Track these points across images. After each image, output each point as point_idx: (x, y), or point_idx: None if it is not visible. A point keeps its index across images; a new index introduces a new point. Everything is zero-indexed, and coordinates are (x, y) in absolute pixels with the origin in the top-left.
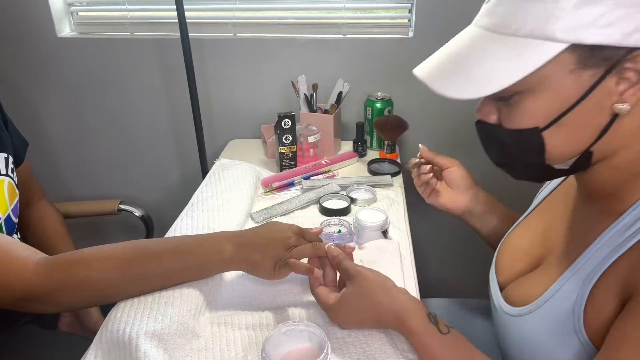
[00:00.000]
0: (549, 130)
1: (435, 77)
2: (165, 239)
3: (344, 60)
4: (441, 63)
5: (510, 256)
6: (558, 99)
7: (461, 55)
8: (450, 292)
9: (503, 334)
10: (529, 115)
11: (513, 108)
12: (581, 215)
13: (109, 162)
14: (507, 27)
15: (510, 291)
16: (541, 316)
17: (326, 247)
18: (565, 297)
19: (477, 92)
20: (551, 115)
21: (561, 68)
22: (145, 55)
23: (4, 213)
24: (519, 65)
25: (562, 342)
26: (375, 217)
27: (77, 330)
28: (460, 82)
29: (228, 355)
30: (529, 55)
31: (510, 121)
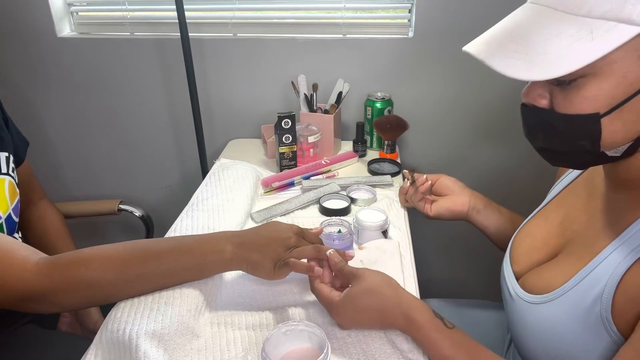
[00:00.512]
0: (609, 116)
1: (493, 55)
2: (165, 239)
3: (344, 60)
4: (500, 40)
5: (527, 246)
6: (624, 84)
7: (523, 32)
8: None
9: (519, 322)
10: (591, 100)
11: (573, 92)
12: (611, 204)
13: (109, 162)
14: (577, 7)
15: (528, 280)
16: (565, 304)
17: (327, 253)
18: (593, 285)
19: (546, 74)
20: (614, 101)
21: (632, 53)
22: (145, 55)
23: (5, 212)
24: (592, 47)
25: (587, 331)
26: (375, 217)
27: (77, 330)
28: (525, 62)
29: (228, 355)
30: (602, 37)
31: (569, 106)
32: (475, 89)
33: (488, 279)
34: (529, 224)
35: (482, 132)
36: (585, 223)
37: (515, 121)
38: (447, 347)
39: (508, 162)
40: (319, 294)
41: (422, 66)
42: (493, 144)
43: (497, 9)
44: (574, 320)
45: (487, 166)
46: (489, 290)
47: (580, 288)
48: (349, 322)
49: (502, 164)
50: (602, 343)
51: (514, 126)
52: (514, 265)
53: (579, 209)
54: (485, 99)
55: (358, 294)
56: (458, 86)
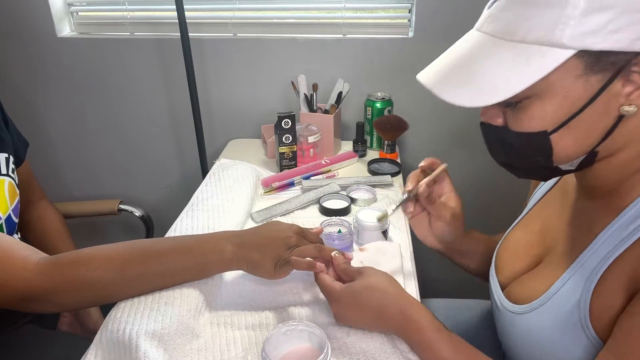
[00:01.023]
0: (557, 133)
1: (441, 84)
2: (165, 239)
3: (344, 60)
4: (446, 70)
5: (510, 256)
6: (566, 103)
7: (467, 61)
8: (450, 293)
9: (506, 331)
10: (538, 119)
11: (521, 112)
12: (582, 212)
13: (109, 162)
14: (513, 34)
15: (512, 290)
16: (546, 312)
17: (332, 254)
18: (571, 293)
19: (488, 100)
20: (559, 119)
21: (569, 73)
22: (145, 55)
23: (5, 213)
24: (528, 71)
25: (569, 337)
26: (375, 217)
27: (77, 330)
28: (469, 89)
29: (228, 355)
30: (537, 61)
31: (519, 125)
32: None
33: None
34: (512, 233)
35: None
36: (562, 231)
37: None
38: (446, 349)
39: None
40: (321, 283)
41: (422, 66)
42: None
43: None
44: (555, 328)
45: (488, 166)
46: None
47: (559, 296)
48: (345, 313)
49: None
50: (584, 349)
51: None
52: (499, 275)
53: (556, 217)
54: None
55: (359, 288)
56: None
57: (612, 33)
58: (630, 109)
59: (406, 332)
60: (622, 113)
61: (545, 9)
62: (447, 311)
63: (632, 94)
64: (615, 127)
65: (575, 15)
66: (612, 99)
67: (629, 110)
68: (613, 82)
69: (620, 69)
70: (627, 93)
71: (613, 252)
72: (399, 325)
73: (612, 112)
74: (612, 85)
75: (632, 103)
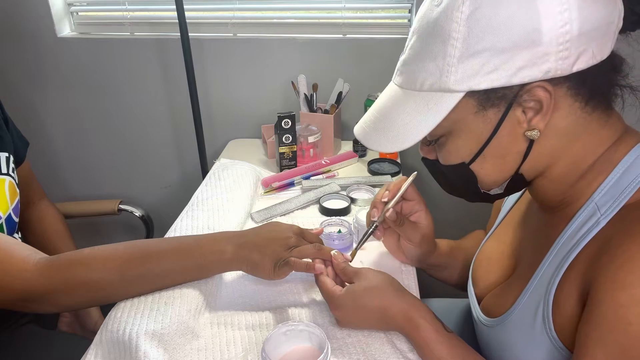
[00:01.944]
0: (474, 163)
1: (367, 134)
2: (165, 239)
3: (344, 60)
4: (370, 121)
5: (484, 268)
6: (473, 137)
7: (384, 112)
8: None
9: (483, 344)
10: (454, 153)
11: (441, 148)
12: (538, 224)
13: (109, 162)
14: (412, 84)
15: (486, 303)
16: (513, 325)
17: (332, 253)
18: (532, 304)
19: (399, 146)
20: (472, 151)
21: (466, 112)
22: (145, 55)
23: (5, 212)
24: (428, 117)
25: (536, 349)
26: None
27: (77, 330)
28: (387, 137)
29: (228, 355)
30: (434, 107)
31: (443, 159)
32: None
33: None
34: (486, 245)
35: None
36: (527, 243)
37: None
38: (444, 350)
39: None
40: (322, 287)
41: None
42: None
43: None
44: (524, 340)
45: None
46: None
47: (524, 308)
48: (347, 317)
49: None
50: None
51: None
52: (475, 287)
53: (521, 229)
54: None
55: (359, 290)
56: None
57: (489, 73)
58: (533, 133)
59: (407, 332)
60: (530, 137)
61: (431, 61)
62: (446, 311)
63: (532, 119)
64: (530, 150)
65: (453, 63)
66: (515, 126)
67: (533, 134)
68: (510, 111)
69: (511, 100)
70: (529, 119)
71: (565, 260)
72: (400, 324)
73: (519, 138)
74: (510, 115)
75: (535, 127)
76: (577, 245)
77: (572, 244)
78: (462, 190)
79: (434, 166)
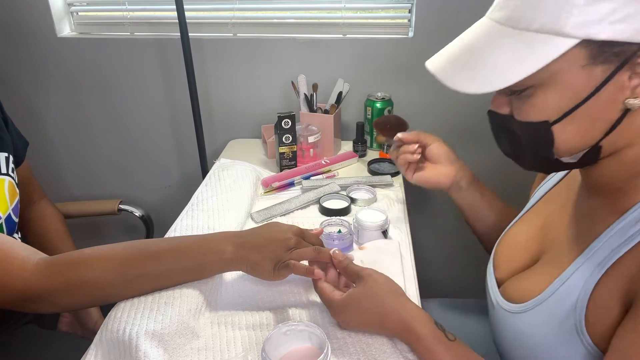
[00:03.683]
0: (559, 124)
1: (446, 71)
2: (165, 239)
3: (344, 60)
4: (453, 56)
5: (509, 252)
6: (569, 94)
7: (473, 48)
8: (450, 293)
9: (499, 330)
10: (540, 109)
11: (525, 101)
12: (584, 211)
13: (109, 162)
14: (518, 21)
15: (508, 288)
16: (541, 314)
17: (331, 252)
18: (567, 295)
19: (487, 87)
20: (562, 109)
21: (572, 63)
22: (145, 55)
23: (5, 212)
24: (530, 60)
25: (563, 341)
26: (375, 217)
27: (77, 330)
28: (471, 76)
29: (228, 355)
30: (540, 50)
31: (521, 114)
32: None
33: None
34: (512, 229)
35: (482, 131)
36: (562, 229)
37: None
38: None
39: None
40: (321, 293)
41: (422, 66)
42: (493, 143)
43: None
44: (549, 330)
45: (488, 164)
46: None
47: (555, 298)
48: (348, 323)
49: (503, 161)
50: (578, 354)
51: None
52: (497, 271)
53: (558, 215)
54: (485, 98)
55: (360, 296)
56: None
57: (616, 23)
58: (635, 102)
59: (408, 342)
60: (627, 106)
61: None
62: (446, 311)
63: (638, 87)
64: (621, 121)
65: (579, 4)
66: (617, 91)
67: (634, 103)
68: (618, 73)
69: (625, 60)
70: (634, 86)
71: (613, 255)
72: (399, 333)
73: (616, 105)
74: (617, 77)
75: (638, 96)
76: (630, 241)
77: (623, 239)
78: (530, 153)
79: (502, 122)
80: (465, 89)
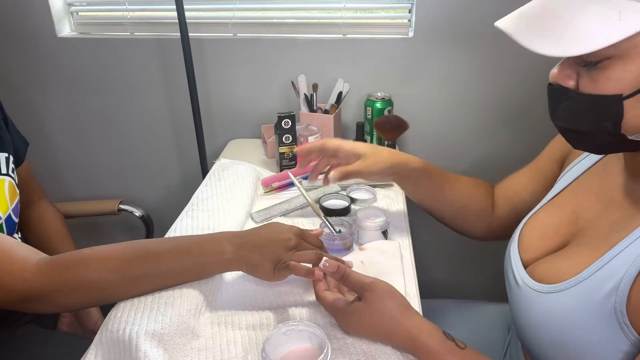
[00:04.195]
0: (632, 99)
1: (523, 32)
2: (165, 239)
3: (344, 60)
4: (530, 17)
5: (538, 234)
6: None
7: (558, 10)
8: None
9: (525, 310)
10: (615, 82)
11: (598, 73)
12: (627, 194)
13: (109, 162)
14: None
15: (538, 268)
16: (578, 294)
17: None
18: (609, 277)
19: (568, 51)
20: (637, 84)
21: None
22: (145, 55)
23: (5, 213)
24: (616, 28)
25: (599, 323)
26: (375, 217)
27: (77, 330)
28: (555, 38)
29: (228, 355)
30: (630, 18)
31: (593, 86)
32: (475, 88)
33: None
34: (540, 211)
35: (482, 131)
36: (599, 213)
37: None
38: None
39: (508, 160)
40: (324, 302)
41: (422, 66)
42: (493, 142)
43: (497, 9)
44: (585, 311)
45: (488, 165)
46: (489, 290)
47: (595, 279)
48: (353, 332)
49: (503, 162)
50: (613, 336)
51: (514, 125)
52: (523, 253)
53: (593, 198)
54: (485, 98)
55: (364, 313)
56: (458, 86)
57: None
58: None
59: (418, 355)
60: None
61: None
62: (447, 312)
63: None
64: None
65: None
66: None
67: None
68: None
69: None
70: None
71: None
72: (409, 348)
73: None
74: None
75: None
76: None
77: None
78: (593, 127)
79: (565, 95)
80: (547, 51)
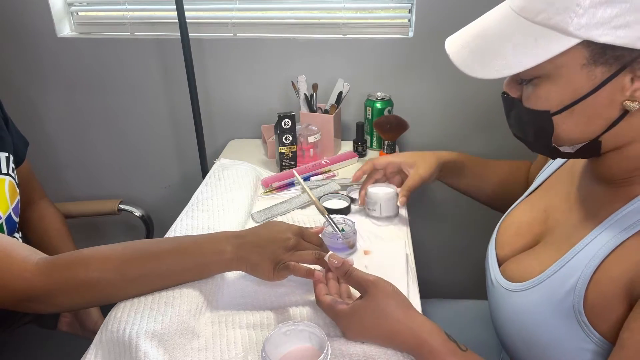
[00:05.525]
0: (559, 115)
1: (460, 54)
2: (165, 239)
3: (344, 60)
4: (469, 40)
5: (511, 232)
6: (570, 89)
7: (487, 34)
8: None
9: (497, 309)
10: (543, 99)
11: (531, 90)
12: (589, 195)
13: (109, 162)
14: (529, 13)
15: (508, 267)
16: (539, 293)
17: (325, 258)
18: (567, 277)
19: (494, 74)
20: (562, 102)
21: (574, 61)
22: (145, 55)
23: (5, 212)
24: (534, 53)
25: (560, 321)
26: (386, 188)
27: (77, 330)
28: (483, 62)
29: (228, 355)
30: (544, 44)
31: (527, 101)
32: (475, 88)
33: None
34: (516, 209)
35: (482, 131)
36: (566, 213)
37: None
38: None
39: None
40: (323, 306)
41: (422, 66)
42: (493, 142)
43: None
44: (547, 310)
45: None
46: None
47: (555, 279)
48: (354, 335)
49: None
50: (575, 335)
51: None
52: (499, 250)
53: (561, 198)
54: (485, 99)
55: (366, 311)
56: (458, 86)
57: (618, 28)
58: (633, 105)
59: (419, 355)
60: (626, 108)
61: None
62: (445, 311)
63: (637, 91)
64: (620, 120)
65: (584, 5)
66: (616, 92)
67: (632, 106)
68: (618, 76)
69: (625, 64)
70: (634, 89)
71: (616, 240)
72: (410, 347)
73: (615, 105)
74: (617, 79)
75: (637, 100)
76: (634, 228)
77: (628, 224)
78: (531, 137)
79: (512, 104)
80: (475, 74)
